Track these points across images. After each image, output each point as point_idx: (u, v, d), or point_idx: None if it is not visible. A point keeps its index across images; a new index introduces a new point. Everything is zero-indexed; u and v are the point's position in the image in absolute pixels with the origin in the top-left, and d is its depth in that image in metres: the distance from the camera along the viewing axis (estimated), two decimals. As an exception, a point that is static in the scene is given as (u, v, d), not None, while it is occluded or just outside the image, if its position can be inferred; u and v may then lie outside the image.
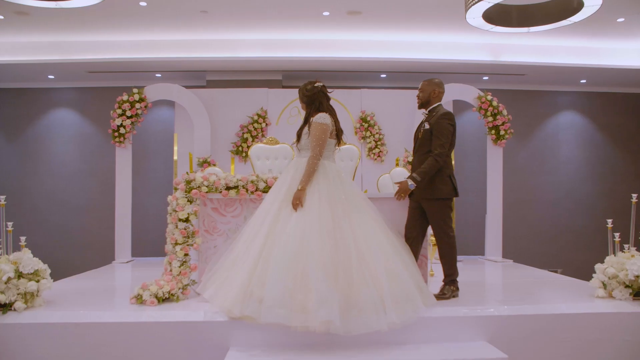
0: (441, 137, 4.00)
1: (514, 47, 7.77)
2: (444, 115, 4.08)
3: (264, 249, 3.52)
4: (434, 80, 4.26)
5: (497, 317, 3.67)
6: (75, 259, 8.30)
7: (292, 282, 3.32)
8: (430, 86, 4.21)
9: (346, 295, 3.31)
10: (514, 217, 8.68)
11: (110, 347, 3.53)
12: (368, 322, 3.26)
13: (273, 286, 3.32)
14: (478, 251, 7.82)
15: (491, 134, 7.27)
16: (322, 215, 3.59)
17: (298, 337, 3.48)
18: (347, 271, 3.39)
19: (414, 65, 7.95)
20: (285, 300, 3.27)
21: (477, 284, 5.18)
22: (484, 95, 7.20)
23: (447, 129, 4.03)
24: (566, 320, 3.71)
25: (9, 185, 8.57)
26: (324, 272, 3.34)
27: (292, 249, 3.44)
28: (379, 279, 3.41)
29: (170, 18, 6.75)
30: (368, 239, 3.60)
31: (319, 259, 3.38)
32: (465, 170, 8.80)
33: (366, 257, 3.49)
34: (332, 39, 7.64)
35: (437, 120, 4.05)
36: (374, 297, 3.32)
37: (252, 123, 7.71)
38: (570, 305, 3.84)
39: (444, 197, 4.05)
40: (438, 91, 4.22)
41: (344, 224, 3.60)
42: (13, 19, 6.54)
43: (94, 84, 8.55)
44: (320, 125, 3.86)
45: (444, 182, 4.05)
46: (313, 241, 3.46)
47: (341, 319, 3.23)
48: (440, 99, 4.24)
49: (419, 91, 4.27)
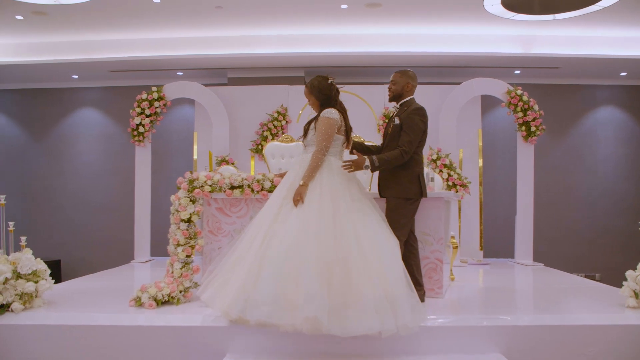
0: (411, 133, 3.77)
1: (545, 38, 7.35)
2: (415, 111, 3.84)
3: (261, 248, 3.36)
4: (408, 72, 4.00)
5: (514, 327, 3.39)
6: (97, 258, 8.34)
7: (283, 279, 3.16)
8: (403, 78, 3.96)
9: (343, 293, 3.11)
10: (546, 218, 8.24)
11: (105, 350, 3.44)
12: (367, 323, 3.04)
13: (265, 284, 3.16)
14: (507, 254, 7.45)
15: (521, 130, 6.90)
16: (322, 211, 3.41)
17: (297, 344, 3.32)
18: (345, 269, 3.19)
19: (441, 60, 7.64)
20: (274, 298, 3.11)
21: (499, 290, 4.88)
22: (514, 89, 6.84)
23: (417, 125, 3.80)
24: (591, 332, 3.39)
25: (36, 185, 8.70)
26: (317, 268, 3.15)
27: (287, 246, 3.27)
28: (384, 280, 3.19)
29: (184, 14, 6.65)
30: (373, 239, 3.39)
31: (313, 254, 3.20)
32: (494, 168, 8.41)
33: (369, 256, 3.27)
34: (354, 34, 7.41)
35: (409, 115, 3.83)
36: (376, 298, 3.10)
37: (272, 121, 7.56)
38: (596, 315, 3.52)
39: (409, 197, 3.83)
40: (412, 84, 3.98)
41: (346, 222, 3.41)
42: (32, 19, 6.57)
43: (117, 83, 8.57)
44: (327, 120, 3.73)
45: (411, 182, 3.84)
46: (310, 237, 3.28)
47: (335, 317, 3.04)
48: (413, 93, 4.01)
49: (391, 83, 4.01)
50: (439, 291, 4.19)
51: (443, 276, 4.22)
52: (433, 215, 4.23)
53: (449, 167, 6.79)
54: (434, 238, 4.23)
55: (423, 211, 4.21)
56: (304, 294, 3.05)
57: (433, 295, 4.18)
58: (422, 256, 4.21)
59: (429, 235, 4.23)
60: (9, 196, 8.59)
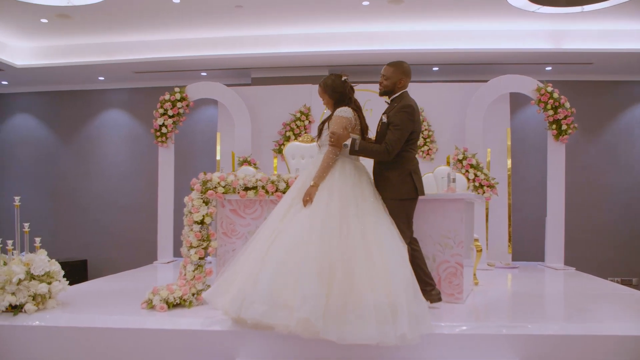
0: (396, 132, 3.59)
1: (577, 32, 7.05)
2: (402, 109, 3.64)
3: (265, 247, 3.30)
4: (402, 66, 3.77)
5: (536, 336, 3.19)
6: (123, 258, 8.41)
7: (282, 279, 3.06)
8: (397, 75, 3.75)
9: (344, 296, 2.99)
10: (578, 219, 7.90)
11: (114, 353, 3.40)
12: (366, 332, 2.89)
13: (263, 283, 3.08)
14: (537, 257, 7.18)
15: (552, 129, 6.63)
16: (329, 212, 3.32)
17: (308, 349, 3.21)
18: (348, 273, 3.07)
19: (467, 57, 7.41)
20: (270, 297, 3.02)
21: (525, 295, 4.66)
22: (544, 86, 6.58)
23: (404, 123, 3.60)
24: (621, 343, 3.16)
25: (65, 186, 8.84)
26: (318, 268, 3.04)
27: (289, 245, 3.19)
28: (388, 285, 3.05)
29: (204, 14, 6.63)
30: (381, 243, 3.26)
31: (314, 254, 3.09)
32: (524, 168, 8.13)
33: (375, 260, 3.15)
34: (376, 31, 7.27)
35: (395, 114, 3.64)
36: (378, 304, 2.96)
37: (294, 121, 7.48)
38: (625, 325, 3.28)
39: (402, 197, 3.65)
40: (405, 81, 3.77)
41: (354, 224, 3.30)
42: (57, 22, 6.66)
43: (143, 84, 8.63)
44: (340, 119, 3.63)
45: (403, 181, 3.65)
46: (312, 237, 3.18)
47: (333, 322, 2.92)
48: (406, 87, 3.79)
49: (383, 78, 3.79)
50: (459, 296, 4.02)
51: (464, 281, 4.05)
52: (453, 217, 4.06)
53: (476, 167, 6.58)
54: (454, 241, 4.06)
55: (442, 213, 4.07)
56: (300, 295, 2.95)
57: (453, 301, 4.01)
58: (442, 260, 4.07)
59: (449, 238, 4.06)
60: (38, 197, 8.84)
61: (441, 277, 4.06)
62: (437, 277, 4.06)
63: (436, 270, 4.07)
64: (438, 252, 4.07)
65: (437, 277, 4.06)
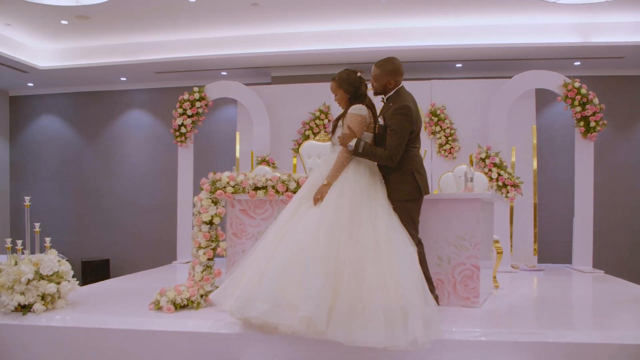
0: (395, 137, 3.44)
1: (607, 25, 6.75)
2: (398, 110, 3.48)
3: (272, 246, 3.23)
4: (386, 67, 3.59)
5: (553, 344, 3.01)
6: (144, 257, 8.46)
7: (287, 277, 2.99)
8: (383, 77, 3.59)
9: (351, 297, 2.90)
10: (608, 220, 7.57)
11: (119, 354, 3.37)
12: (374, 335, 2.79)
13: (268, 282, 3.02)
14: (565, 259, 6.91)
15: (580, 126, 6.37)
16: (339, 211, 3.23)
17: (314, 352, 3.11)
18: (357, 272, 2.98)
19: (494, 52, 7.16)
20: (274, 296, 2.95)
21: (547, 300, 4.46)
22: (571, 81, 6.33)
23: (402, 126, 3.45)
24: None
25: (88, 186, 8.95)
26: (324, 268, 2.95)
27: (296, 244, 3.12)
28: (399, 288, 2.94)
29: (220, 13, 6.58)
30: (392, 244, 3.15)
31: (321, 254, 3.01)
32: (552, 167, 7.85)
33: (385, 262, 3.04)
34: (396, 27, 7.11)
35: (392, 117, 3.49)
36: (388, 307, 2.85)
37: (313, 119, 7.39)
38: (650, 334, 3.09)
39: (403, 198, 3.50)
40: (394, 81, 3.60)
41: (365, 224, 3.21)
42: (77, 24, 6.72)
43: (164, 84, 8.67)
44: (355, 117, 3.56)
45: (404, 181, 3.50)
46: (320, 236, 3.09)
47: (340, 323, 2.83)
48: (399, 83, 3.62)
49: (372, 79, 3.65)
50: (475, 300, 3.86)
51: (480, 284, 3.88)
52: (469, 217, 3.89)
53: (499, 166, 6.37)
54: (470, 242, 3.89)
55: (458, 214, 3.91)
56: (304, 294, 2.88)
57: (469, 305, 3.85)
58: (457, 262, 3.92)
59: (465, 239, 3.90)
60: (63, 197, 8.97)
61: (456, 280, 3.90)
62: (452, 280, 3.91)
63: (451, 273, 3.92)
64: (453, 254, 3.92)
65: (452, 280, 3.91)
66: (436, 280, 3.93)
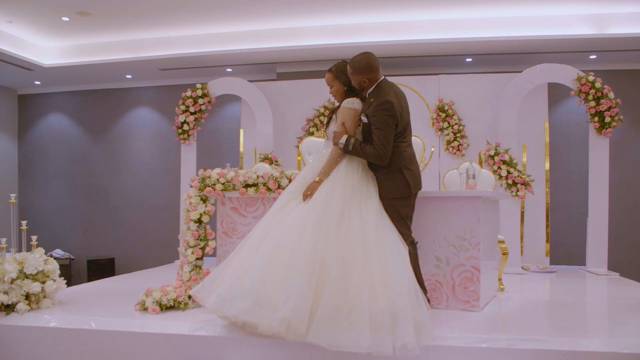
0: (380, 135, 3.27)
1: (624, 16, 6.44)
2: (379, 106, 3.29)
3: (256, 243, 3.11)
4: (357, 64, 3.37)
5: (554, 352, 2.81)
6: (149, 256, 8.39)
7: (269, 275, 2.86)
8: (355, 75, 3.40)
9: (336, 298, 2.74)
10: (624, 220, 7.26)
11: (101, 356, 3.27)
12: (358, 339, 2.64)
13: (249, 280, 2.89)
14: (579, 261, 6.65)
15: (594, 121, 6.10)
16: (327, 209, 3.09)
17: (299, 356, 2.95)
18: (344, 274, 2.83)
19: (505, 45, 6.87)
20: (255, 295, 2.82)
21: (555, 304, 4.23)
22: (584, 75, 6.06)
23: (386, 123, 3.27)
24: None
25: (95, 184, 8.91)
26: (308, 267, 2.81)
27: (280, 241, 2.99)
28: (388, 289, 2.78)
29: (221, 8, 6.44)
30: (382, 244, 3.01)
31: (305, 252, 2.87)
32: (566, 165, 7.56)
33: (374, 262, 2.89)
34: (403, 20, 6.89)
35: (374, 113, 3.31)
36: (375, 310, 2.70)
37: (318, 116, 7.23)
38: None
39: (391, 196, 3.32)
40: (368, 78, 3.40)
41: (355, 223, 3.06)
42: (78, 20, 6.65)
43: (169, 82, 8.59)
44: (347, 110, 3.44)
45: (392, 178, 3.32)
46: (305, 234, 2.96)
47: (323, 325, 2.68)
48: (377, 79, 3.42)
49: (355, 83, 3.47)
50: (475, 304, 3.67)
51: (480, 287, 3.68)
52: (469, 216, 3.71)
53: (509, 163, 6.13)
54: (470, 243, 3.70)
55: (457, 212, 3.73)
56: (285, 293, 2.74)
57: (468, 309, 3.66)
58: (456, 263, 3.73)
59: (465, 239, 3.71)
60: (70, 195, 8.95)
61: (455, 282, 3.71)
62: (451, 282, 3.73)
63: (450, 274, 3.73)
64: (452, 255, 3.73)
65: (451, 282, 3.73)
66: (434, 283, 3.75)
